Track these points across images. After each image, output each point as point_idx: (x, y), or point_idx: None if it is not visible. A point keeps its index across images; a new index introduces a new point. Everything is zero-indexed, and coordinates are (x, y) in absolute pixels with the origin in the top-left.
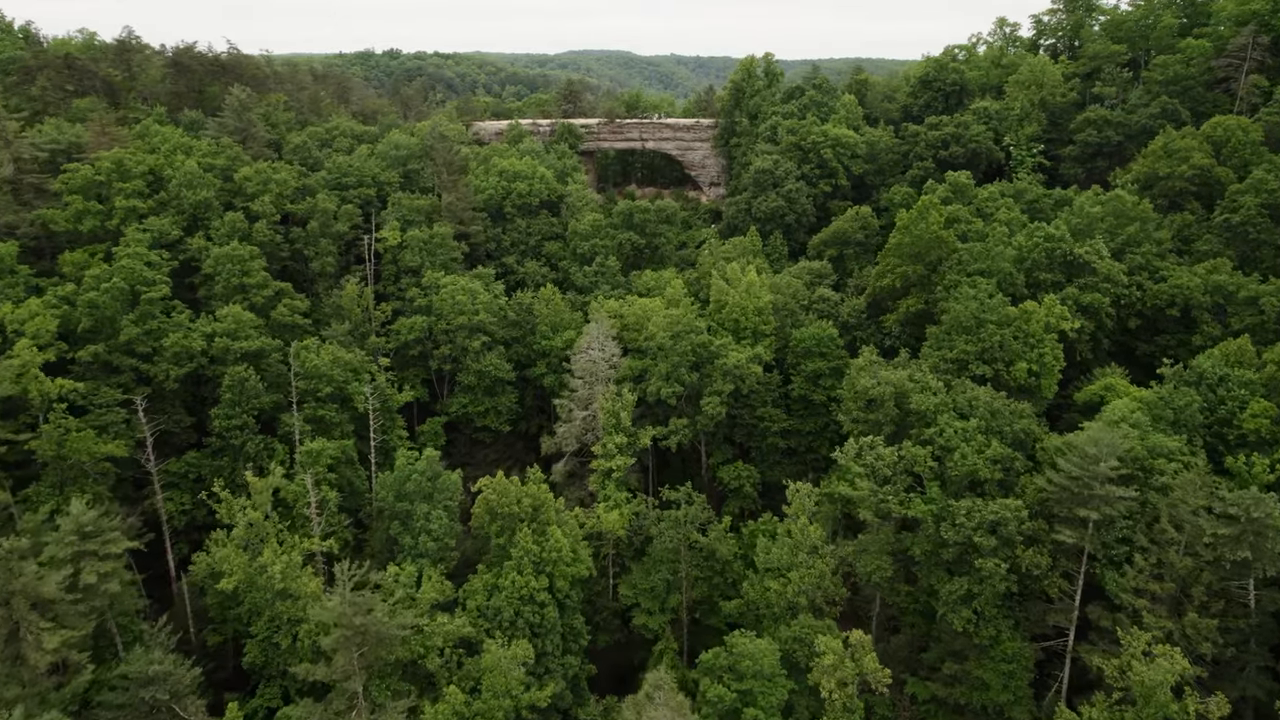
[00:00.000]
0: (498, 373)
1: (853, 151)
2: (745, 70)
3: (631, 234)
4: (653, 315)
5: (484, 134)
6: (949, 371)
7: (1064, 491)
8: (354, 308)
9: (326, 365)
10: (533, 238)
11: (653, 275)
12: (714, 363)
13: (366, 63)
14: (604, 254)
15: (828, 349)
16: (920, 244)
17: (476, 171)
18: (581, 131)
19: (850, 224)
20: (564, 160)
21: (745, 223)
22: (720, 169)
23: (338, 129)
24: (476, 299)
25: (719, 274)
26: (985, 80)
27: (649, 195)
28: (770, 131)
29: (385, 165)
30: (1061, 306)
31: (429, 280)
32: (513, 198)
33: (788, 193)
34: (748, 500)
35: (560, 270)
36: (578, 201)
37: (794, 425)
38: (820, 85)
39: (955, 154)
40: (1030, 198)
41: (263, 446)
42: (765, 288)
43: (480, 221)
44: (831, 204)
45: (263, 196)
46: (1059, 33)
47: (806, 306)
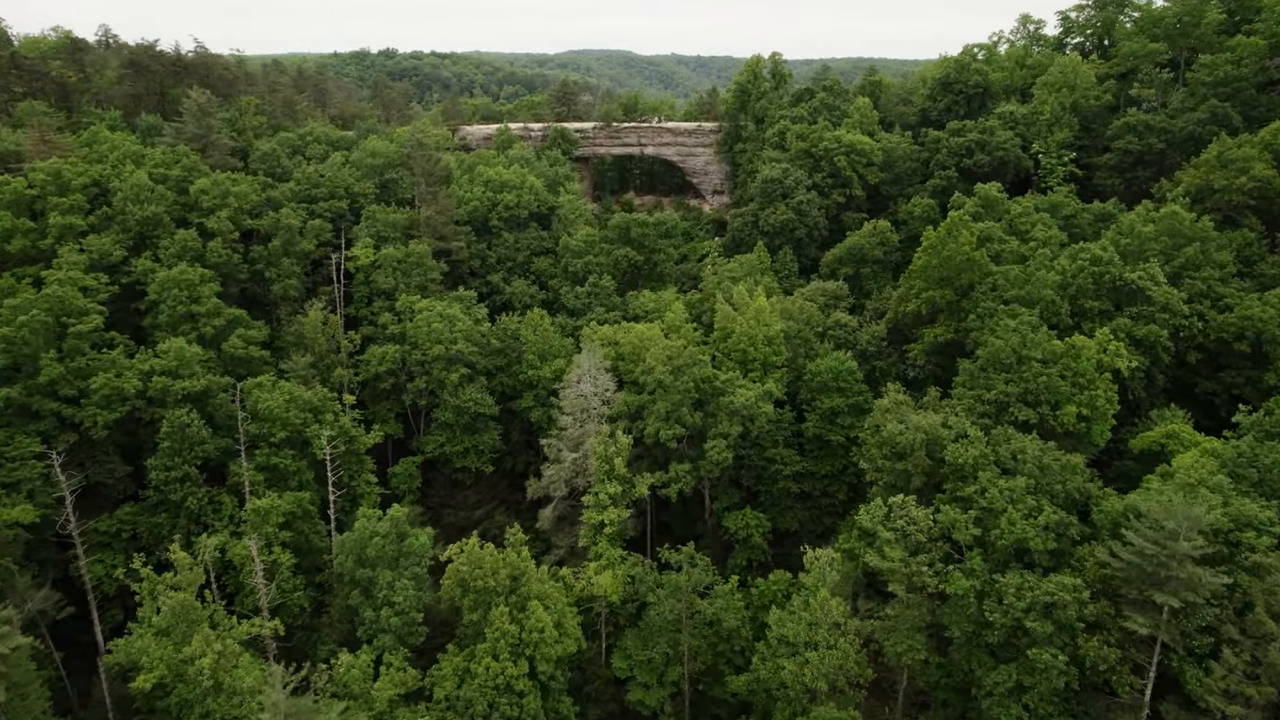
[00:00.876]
0: (479, 408)
1: (868, 159)
2: (750, 71)
3: (628, 250)
4: (651, 345)
5: (471, 139)
6: (986, 415)
7: (1133, 570)
8: (318, 337)
9: (281, 407)
10: (521, 253)
11: (651, 296)
12: (719, 400)
13: (361, 62)
14: (598, 273)
15: (846, 384)
16: (950, 267)
17: (460, 181)
18: (576, 136)
19: (867, 239)
20: (556, 168)
21: (752, 236)
22: (724, 176)
23: (311, 134)
24: (455, 326)
25: (724, 298)
26: (1009, 82)
27: (648, 204)
28: (778, 137)
29: (360, 175)
30: (1117, 342)
31: (403, 304)
32: (499, 210)
33: (798, 204)
34: (757, 551)
35: (550, 290)
36: (570, 213)
37: (808, 467)
38: (831, 87)
39: (980, 162)
40: (1067, 212)
41: (207, 501)
42: (775, 313)
43: (463, 236)
44: (845, 216)
45: (220, 212)
46: (1088, 30)
47: (821, 333)
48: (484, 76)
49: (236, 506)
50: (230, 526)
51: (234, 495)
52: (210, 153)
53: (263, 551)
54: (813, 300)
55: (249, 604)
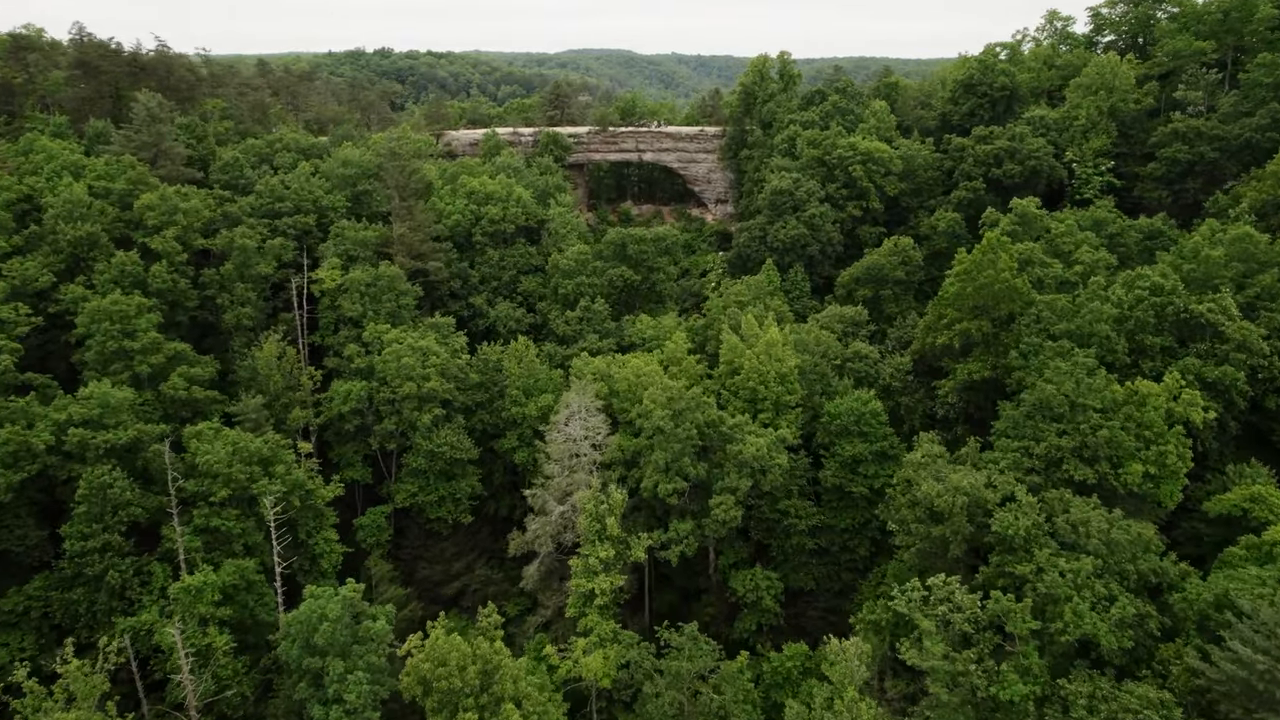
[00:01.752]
0: (455, 452)
1: (886, 168)
2: (756, 72)
3: (624, 269)
4: (648, 382)
5: (457, 145)
6: (1035, 471)
7: (1237, 684)
8: (273, 373)
9: (223, 460)
10: (506, 272)
11: (649, 322)
12: (726, 449)
13: (356, 62)
14: (590, 295)
15: (870, 427)
16: (987, 295)
17: (441, 192)
18: (569, 142)
19: (888, 258)
20: (547, 177)
21: (759, 252)
22: (728, 184)
23: (281, 141)
24: (428, 360)
25: (730, 326)
26: (1037, 84)
27: (646, 213)
28: (787, 143)
29: (331, 187)
30: (1191, 390)
31: (370, 335)
32: (483, 224)
33: (810, 218)
34: (768, 615)
35: (538, 313)
36: (561, 227)
37: (826, 520)
38: (845, 89)
39: (1010, 172)
40: (1112, 230)
41: (133, 573)
42: (789, 346)
43: (443, 254)
44: (861, 231)
45: (166, 230)
46: (1122, 28)
47: (839, 366)
48: (481, 76)
49: (170, 576)
50: (160, 602)
51: (167, 563)
52: (162, 163)
53: (195, 635)
54: (829, 328)
55: (179, 694)
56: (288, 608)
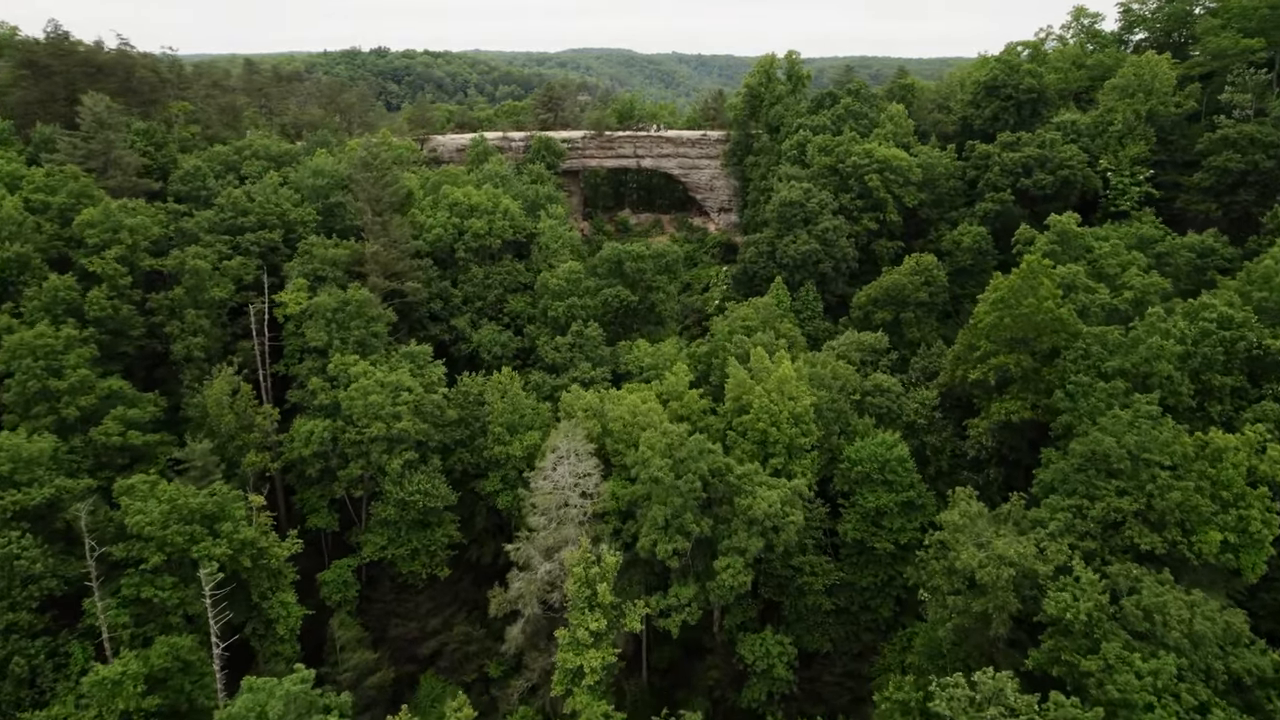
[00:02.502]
0: (429, 501)
1: (905, 178)
2: (762, 72)
3: (620, 288)
4: (645, 422)
5: (443, 151)
6: (1091, 535)
7: None
8: (224, 413)
9: (157, 520)
10: (492, 291)
11: (647, 349)
12: (734, 502)
13: (352, 62)
14: (583, 318)
15: (896, 475)
16: (1027, 326)
17: (423, 204)
18: (562, 147)
19: (909, 278)
20: (537, 186)
21: (767, 269)
22: (732, 192)
23: (250, 148)
24: (399, 397)
25: (737, 356)
26: (1064, 85)
27: (645, 222)
28: (797, 149)
29: (301, 198)
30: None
31: (336, 367)
32: (467, 239)
33: (823, 232)
34: (780, 683)
35: (526, 336)
36: (551, 241)
37: (846, 577)
38: (858, 91)
39: (1041, 182)
40: (1161, 249)
41: (45, 656)
42: (804, 381)
43: (422, 273)
44: (877, 245)
45: (109, 250)
46: (1156, 24)
47: (859, 402)
48: (479, 76)
49: (92, 657)
50: (78, 691)
51: (90, 641)
52: (111, 173)
53: None
54: (846, 356)
55: None
56: (233, 689)
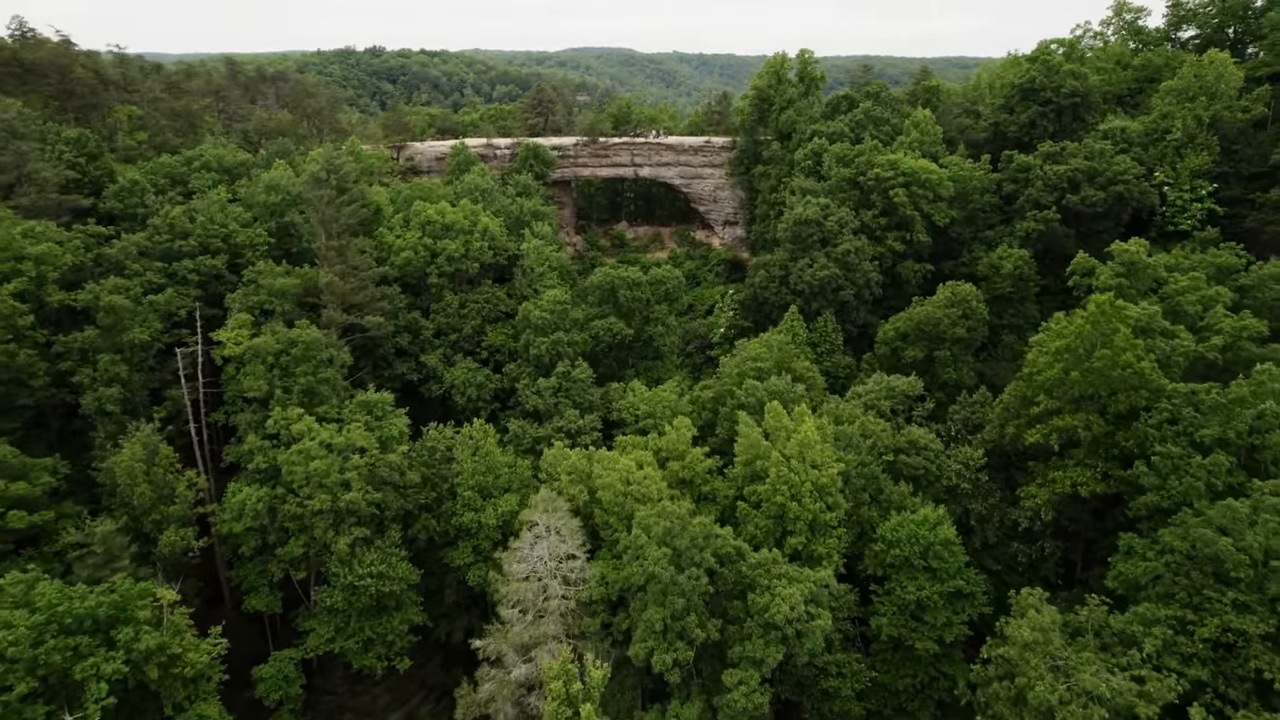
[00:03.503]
0: (384, 584)
1: (935, 192)
2: (772, 73)
3: (613, 319)
4: (640, 493)
5: (421, 160)
6: (1201, 660)
7: None
8: (137, 483)
9: (25, 639)
10: (468, 321)
11: (643, 393)
12: (748, 598)
13: (346, 61)
14: (570, 356)
15: (941, 562)
16: (1100, 381)
17: (392, 222)
18: (552, 156)
19: (944, 310)
20: (522, 201)
21: (779, 295)
22: (738, 204)
23: (199, 159)
24: (349, 461)
25: (747, 410)
26: (1108, 87)
27: (643, 236)
28: (811, 159)
29: (252, 217)
30: None
31: (277, 423)
32: (440, 263)
33: (843, 255)
34: None
35: (506, 375)
36: (536, 263)
37: (880, 678)
38: (878, 94)
39: (1090, 199)
40: (1245, 281)
41: None
42: (828, 443)
43: (387, 303)
44: (903, 268)
45: (6, 284)
46: (1210, 19)
47: (891, 462)
48: (475, 76)
49: None
50: None
51: None
52: (24, 190)
53: None
54: (875, 405)
55: None
56: None
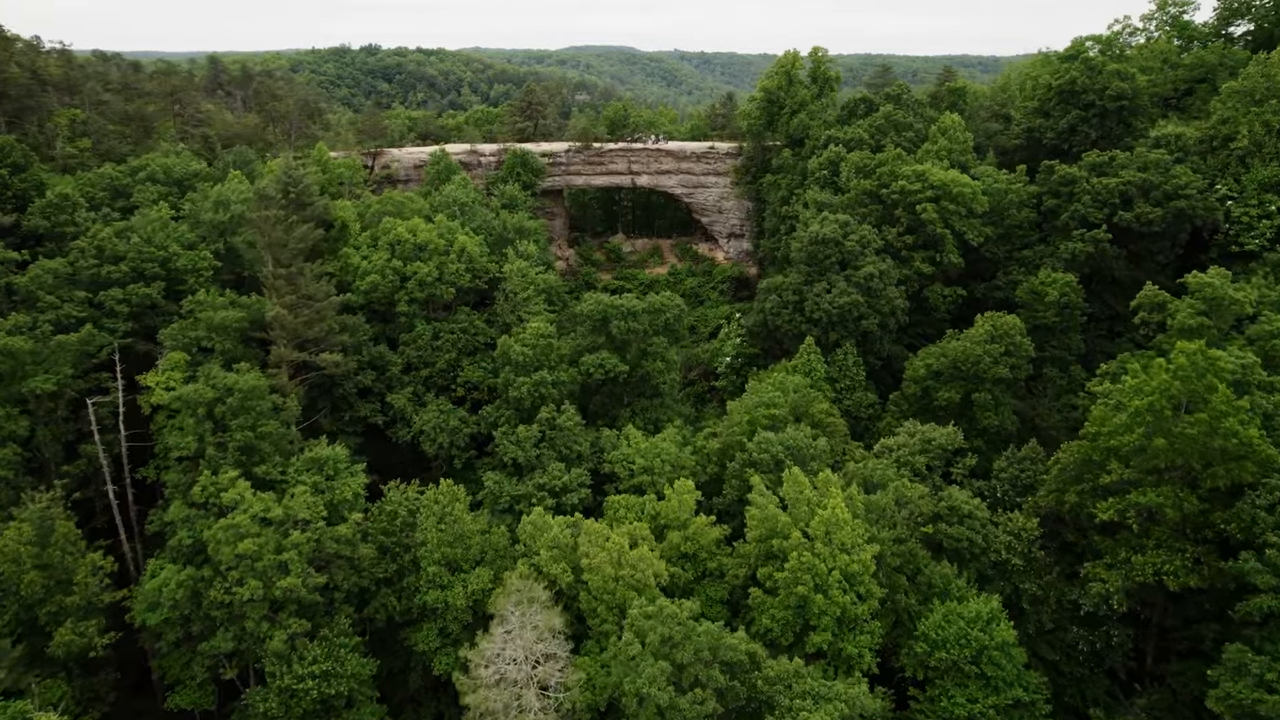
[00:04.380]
0: (328, 686)
1: (968, 208)
2: (782, 73)
3: (605, 354)
4: (634, 579)
5: (399, 168)
6: None
7: None
8: (23, 570)
9: None
10: (442, 355)
11: (640, 443)
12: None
13: (340, 60)
14: (555, 399)
15: (997, 669)
16: (1193, 451)
17: (359, 240)
18: (542, 163)
19: (985, 347)
20: (505, 215)
21: (793, 324)
22: (744, 215)
23: (145, 169)
24: (288, 539)
25: (760, 472)
26: (1154, 88)
27: (642, 250)
28: (827, 169)
29: (197, 238)
30: None
31: (204, 491)
32: (411, 288)
33: (866, 279)
34: None
35: (484, 419)
36: (520, 287)
37: None
38: (898, 97)
39: (1146, 216)
40: None
41: None
42: (860, 523)
43: (349, 336)
44: (930, 291)
45: None
46: (1268, 13)
47: (929, 534)
48: (473, 74)
49: None
50: None
51: None
52: None
53: None
54: (909, 461)
55: None
56: None
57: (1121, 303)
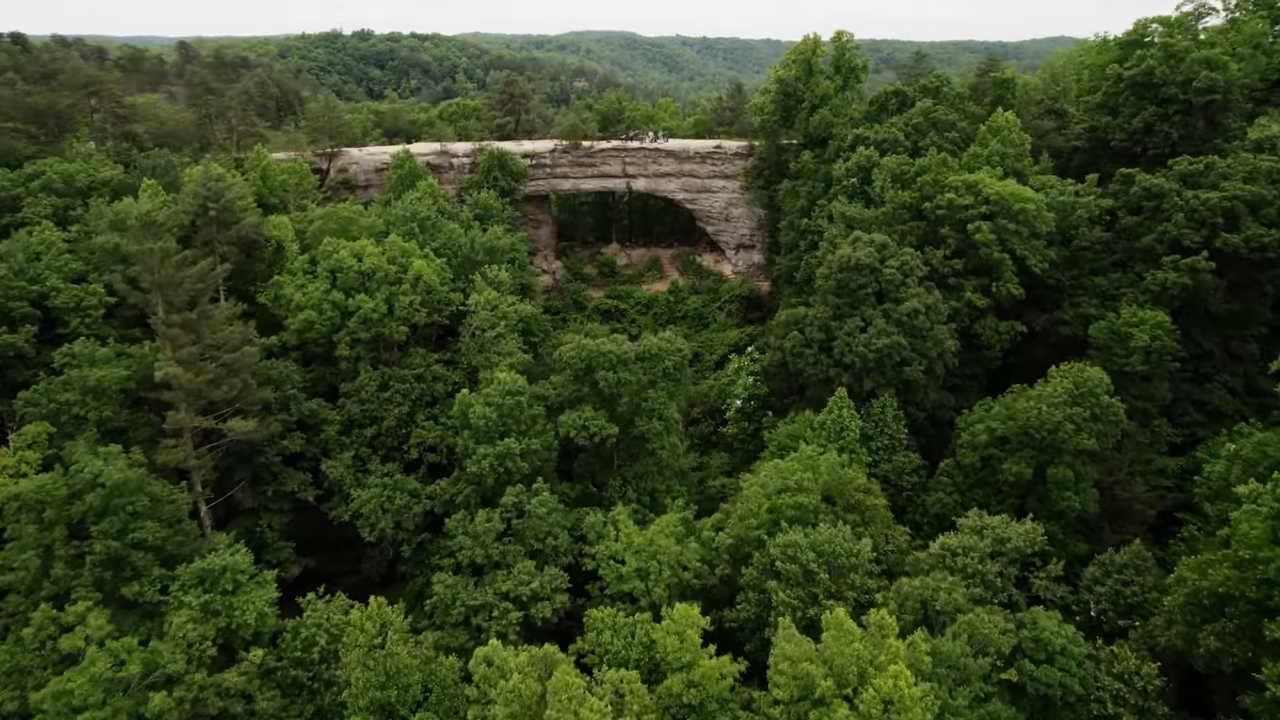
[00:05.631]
0: None
1: (1031, 227)
2: (800, 62)
3: (588, 411)
4: None
5: (358, 171)
6: None
7: None
8: None
9: None
10: (391, 410)
11: (629, 535)
12: None
13: (332, 45)
14: (526, 475)
15: None
16: None
17: (296, 265)
18: (523, 165)
19: (1065, 411)
20: (474, 234)
21: (818, 367)
22: (755, 224)
23: (41, 176)
24: (146, 708)
25: (791, 627)
26: (1243, 79)
27: (638, 261)
28: (857, 176)
29: (89, 267)
30: None
31: (38, 632)
32: (353, 327)
33: (910, 315)
34: None
35: (436, 495)
36: (487, 323)
37: None
38: (937, 90)
39: (1257, 238)
40: None
41: None
42: (927, 689)
43: (272, 392)
44: (981, 326)
45: None
46: None
47: (1009, 682)
48: (468, 60)
49: None
50: None
51: None
52: None
53: None
54: (981, 574)
55: None
56: None
57: (1212, 339)
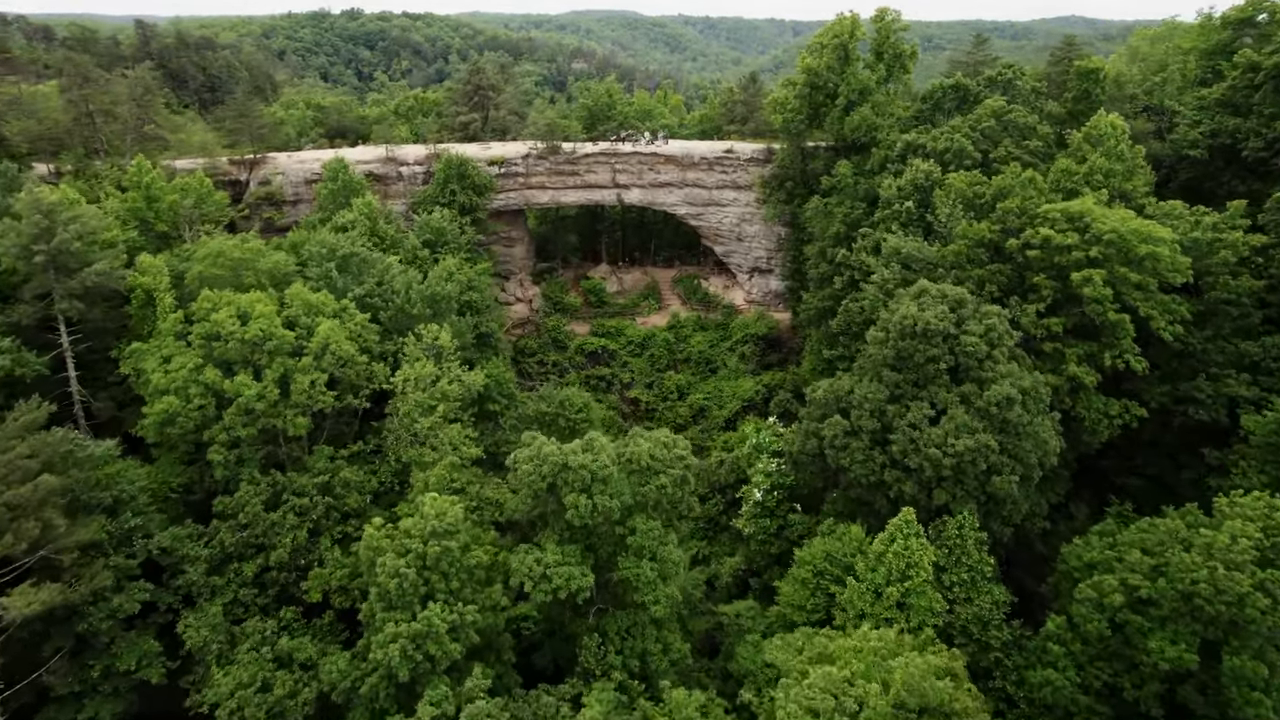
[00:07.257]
0: None
1: (1161, 276)
2: (834, 47)
3: (551, 550)
4: None
5: (284, 183)
6: None
7: None
8: None
9: None
10: (282, 538)
11: None
12: None
13: (319, 25)
14: (459, 660)
15: None
16: None
17: (165, 325)
18: (488, 176)
19: (1248, 575)
20: (410, 280)
21: (868, 466)
22: (774, 244)
23: None
24: None
25: None
26: None
27: (632, 288)
28: (913, 198)
29: None
30: None
31: None
32: (230, 420)
33: (1000, 405)
34: None
35: (335, 684)
36: (417, 412)
37: None
38: (1010, 83)
39: None
40: None
41: None
42: None
43: (99, 527)
44: (1084, 405)
45: None
46: None
47: None
48: (463, 41)
49: None
50: None
51: None
52: None
53: None
54: None
55: None
56: None
57: None
